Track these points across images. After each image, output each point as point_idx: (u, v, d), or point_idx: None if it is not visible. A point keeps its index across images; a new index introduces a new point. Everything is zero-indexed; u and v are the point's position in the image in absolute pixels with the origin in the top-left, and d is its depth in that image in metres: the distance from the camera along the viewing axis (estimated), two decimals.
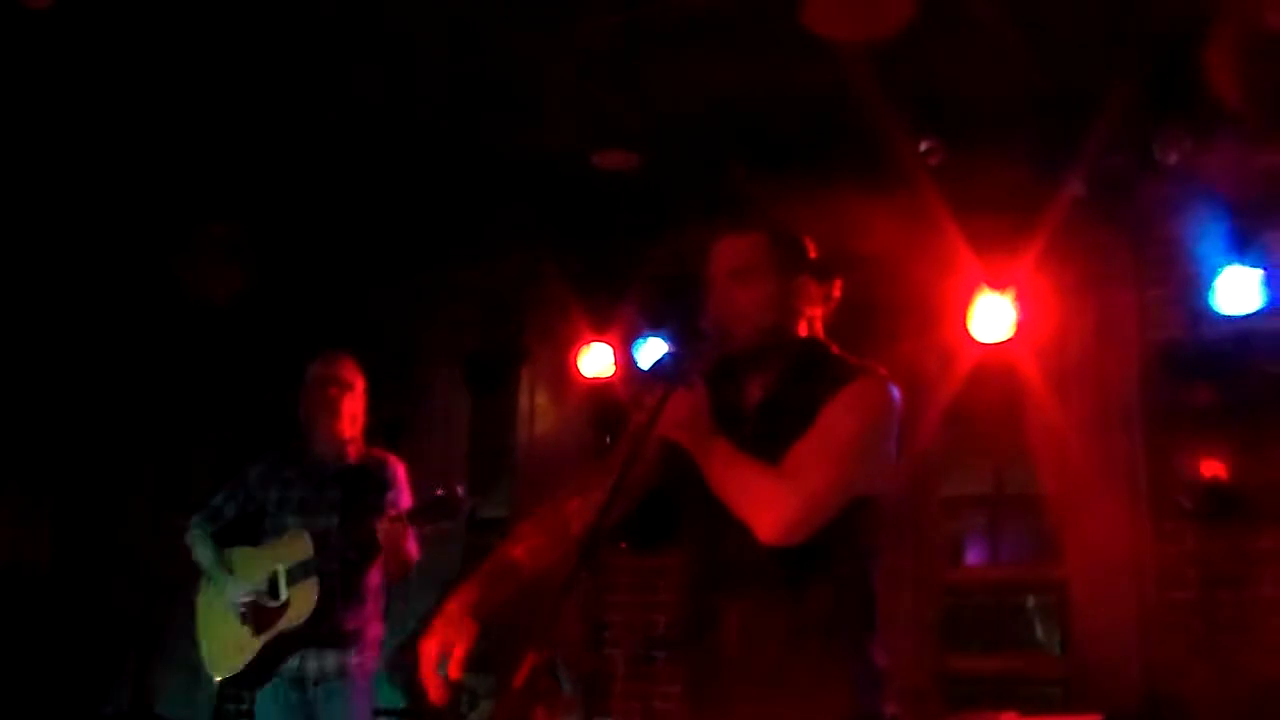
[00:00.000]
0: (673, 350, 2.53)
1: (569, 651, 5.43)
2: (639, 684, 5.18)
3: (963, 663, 5.57)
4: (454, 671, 2.40)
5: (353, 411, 4.49)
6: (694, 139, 4.80)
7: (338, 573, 4.26)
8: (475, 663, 2.49)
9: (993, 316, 4.99)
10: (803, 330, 2.66)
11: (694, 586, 2.60)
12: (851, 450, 2.44)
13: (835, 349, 2.69)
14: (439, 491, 4.18)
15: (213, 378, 6.54)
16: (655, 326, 5.54)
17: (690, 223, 2.85)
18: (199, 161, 5.08)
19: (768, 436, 2.55)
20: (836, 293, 2.71)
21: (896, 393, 2.56)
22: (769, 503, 2.38)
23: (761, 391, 2.64)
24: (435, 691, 2.42)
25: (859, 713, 2.41)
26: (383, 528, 4.17)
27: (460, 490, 4.19)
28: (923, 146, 4.43)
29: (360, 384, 4.52)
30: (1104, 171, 4.44)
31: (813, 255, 2.69)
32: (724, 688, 2.47)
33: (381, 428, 4.75)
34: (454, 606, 2.52)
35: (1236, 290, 4.69)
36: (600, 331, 5.88)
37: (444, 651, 2.43)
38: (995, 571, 5.92)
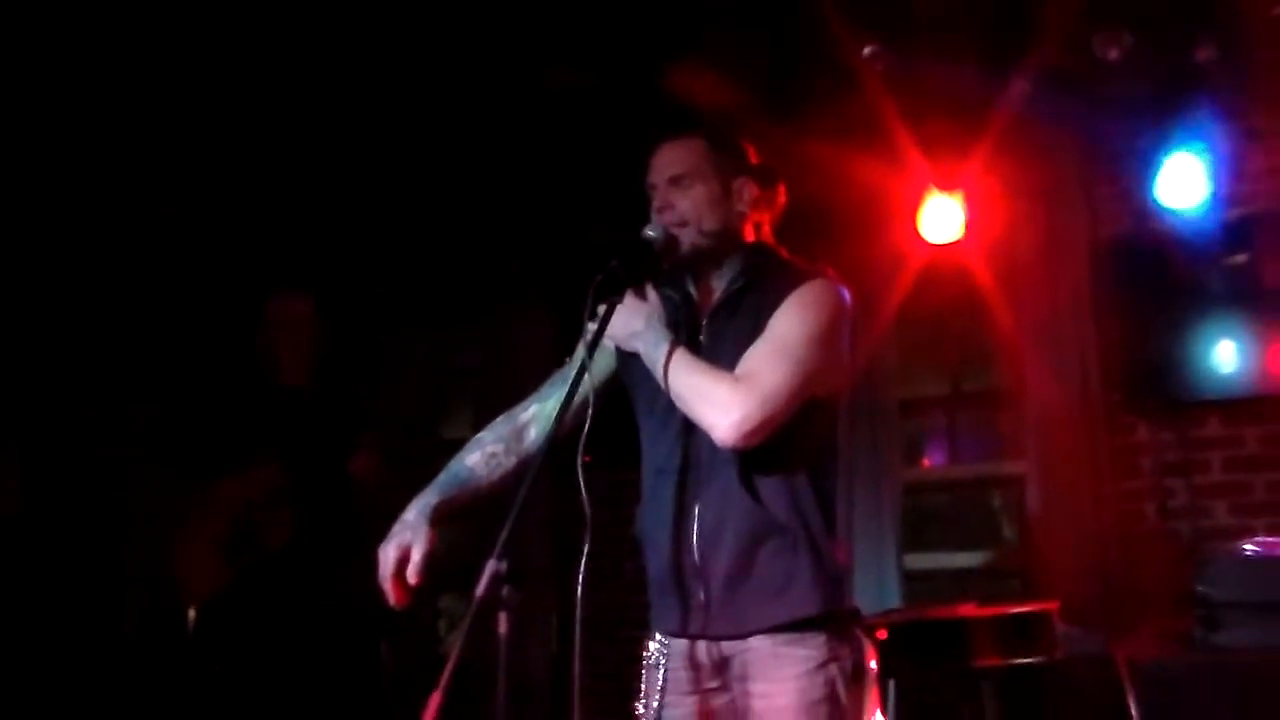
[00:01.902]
0: (620, 260, 2.55)
1: (536, 566, 5.50)
2: (607, 594, 5.27)
3: (924, 560, 5.70)
4: (414, 576, 2.46)
5: (313, 347, 4.53)
6: (641, 52, 4.76)
7: (309, 499, 4.32)
8: (453, 583, 2.54)
9: (942, 217, 5.04)
10: (749, 234, 2.70)
11: (654, 492, 2.66)
12: (804, 351, 2.49)
13: (785, 253, 2.74)
14: (409, 415, 4.23)
15: (169, 309, 6.51)
16: (609, 239, 5.54)
17: (644, 140, 2.86)
18: (153, 114, 5.01)
19: (720, 341, 2.60)
20: (782, 198, 2.75)
21: (846, 294, 2.62)
22: (725, 406, 2.43)
23: (712, 297, 2.68)
24: (395, 595, 2.47)
25: (823, 609, 2.50)
26: (358, 457, 4.24)
27: (432, 416, 4.25)
28: (866, 51, 4.43)
29: (318, 319, 4.55)
30: (1049, 70, 4.46)
31: (753, 159, 2.72)
32: (689, 589, 2.54)
33: (345, 358, 4.78)
34: (410, 514, 2.58)
35: (1181, 183, 4.75)
36: (559, 252, 5.89)
37: (401, 556, 2.49)
38: (954, 470, 6.03)
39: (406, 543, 2.50)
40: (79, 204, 5.70)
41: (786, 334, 2.50)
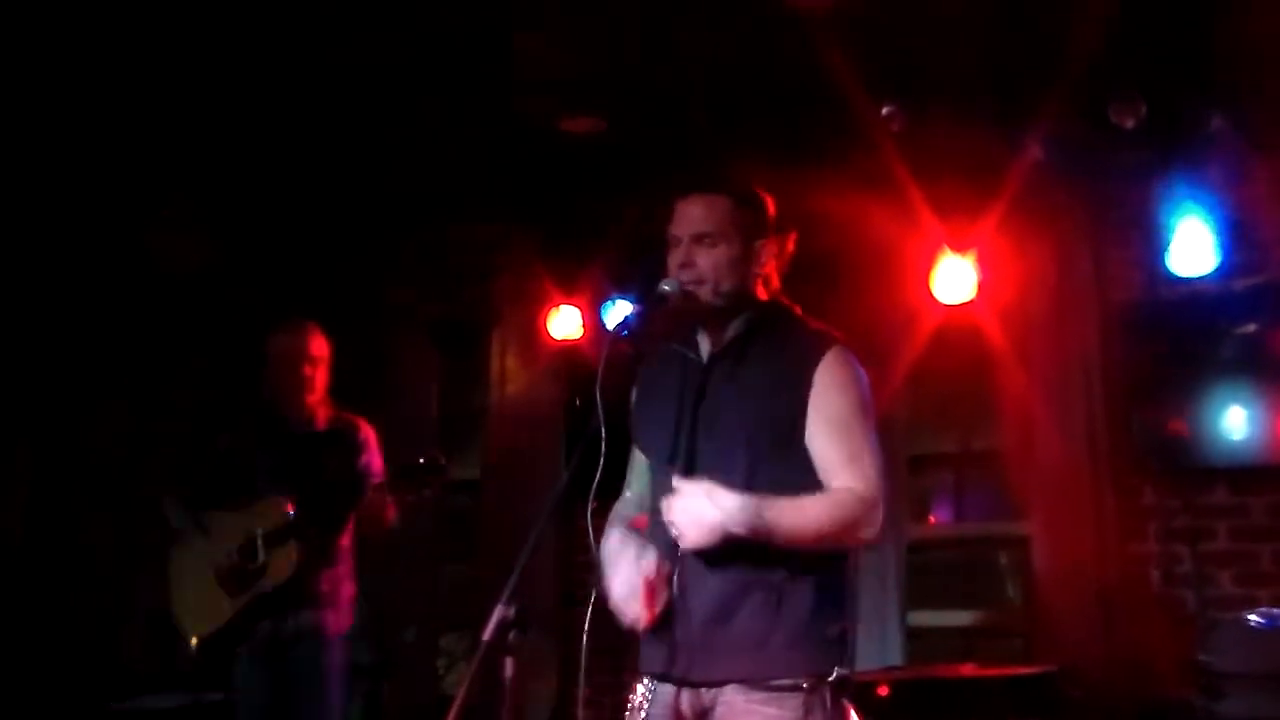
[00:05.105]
0: (636, 311, 2.60)
1: (542, 610, 5.51)
2: (610, 638, 5.25)
3: (927, 618, 5.68)
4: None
5: (320, 381, 4.54)
6: (661, 103, 4.83)
7: (314, 536, 4.32)
8: (451, 624, 2.55)
9: (955, 278, 5.07)
10: (761, 292, 2.75)
11: (653, 533, 2.68)
12: (865, 425, 2.60)
13: (787, 304, 2.80)
14: (419, 459, 4.24)
15: (182, 345, 6.55)
16: (622, 289, 5.60)
17: (656, 185, 2.91)
18: (165, 129, 5.07)
19: (727, 385, 2.66)
20: (791, 247, 2.80)
21: (857, 360, 2.69)
22: (866, 522, 2.51)
23: (718, 346, 2.73)
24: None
25: (801, 672, 2.51)
26: (365, 496, 4.23)
27: (440, 457, 4.26)
28: (885, 111, 4.48)
29: (326, 352, 4.56)
30: (1062, 135, 4.50)
31: (772, 214, 2.77)
32: (670, 627, 2.56)
33: (351, 392, 4.79)
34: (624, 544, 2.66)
35: (1192, 251, 4.78)
36: (568, 294, 5.93)
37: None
38: (960, 528, 6.03)
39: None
40: (96, 235, 5.77)
41: (847, 419, 2.59)
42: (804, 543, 2.49)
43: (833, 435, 2.56)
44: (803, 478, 2.55)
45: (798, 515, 2.47)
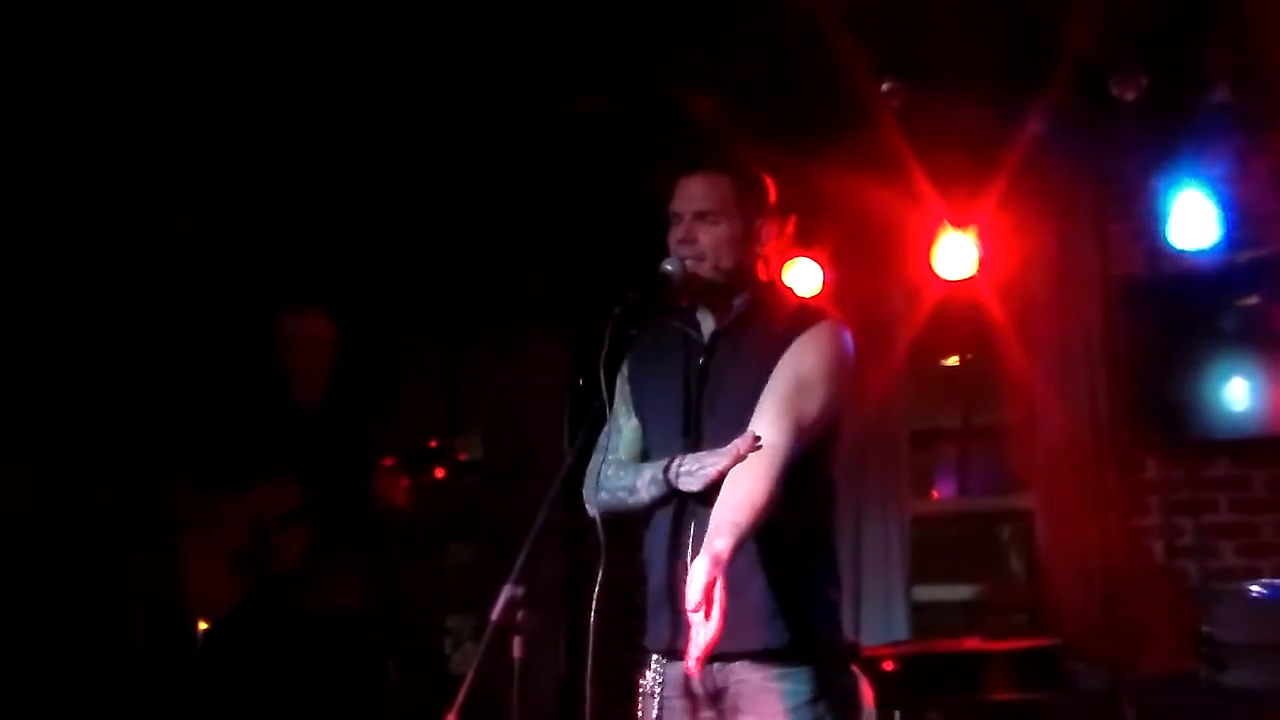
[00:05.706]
0: (636, 293, 2.61)
1: (549, 589, 5.53)
2: (617, 619, 5.28)
3: (931, 592, 5.71)
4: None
5: (328, 364, 4.57)
6: (664, 81, 4.82)
7: (324, 518, 4.35)
8: (457, 604, 2.57)
9: (956, 253, 5.07)
10: (760, 271, 2.77)
11: (659, 512, 2.71)
12: (823, 391, 2.57)
13: (786, 290, 2.82)
14: (432, 443, 4.26)
15: (190, 328, 6.56)
16: (626, 270, 5.59)
17: (660, 165, 2.92)
18: (166, 126, 5.06)
19: (726, 367, 2.68)
20: (791, 229, 2.82)
21: (850, 337, 2.68)
22: (770, 495, 2.42)
23: (717, 325, 2.75)
24: None
25: (811, 643, 2.54)
26: (378, 477, 4.26)
27: (451, 440, 4.29)
28: (885, 87, 4.48)
29: (333, 335, 4.59)
30: (1063, 109, 4.50)
31: (773, 197, 2.79)
32: (678, 602, 2.53)
33: (360, 376, 4.82)
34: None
35: (1193, 225, 4.79)
36: (573, 275, 5.94)
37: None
38: (963, 503, 6.05)
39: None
40: (101, 216, 5.77)
41: (810, 377, 2.57)
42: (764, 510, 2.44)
43: (788, 382, 2.55)
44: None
45: (752, 509, 2.41)
